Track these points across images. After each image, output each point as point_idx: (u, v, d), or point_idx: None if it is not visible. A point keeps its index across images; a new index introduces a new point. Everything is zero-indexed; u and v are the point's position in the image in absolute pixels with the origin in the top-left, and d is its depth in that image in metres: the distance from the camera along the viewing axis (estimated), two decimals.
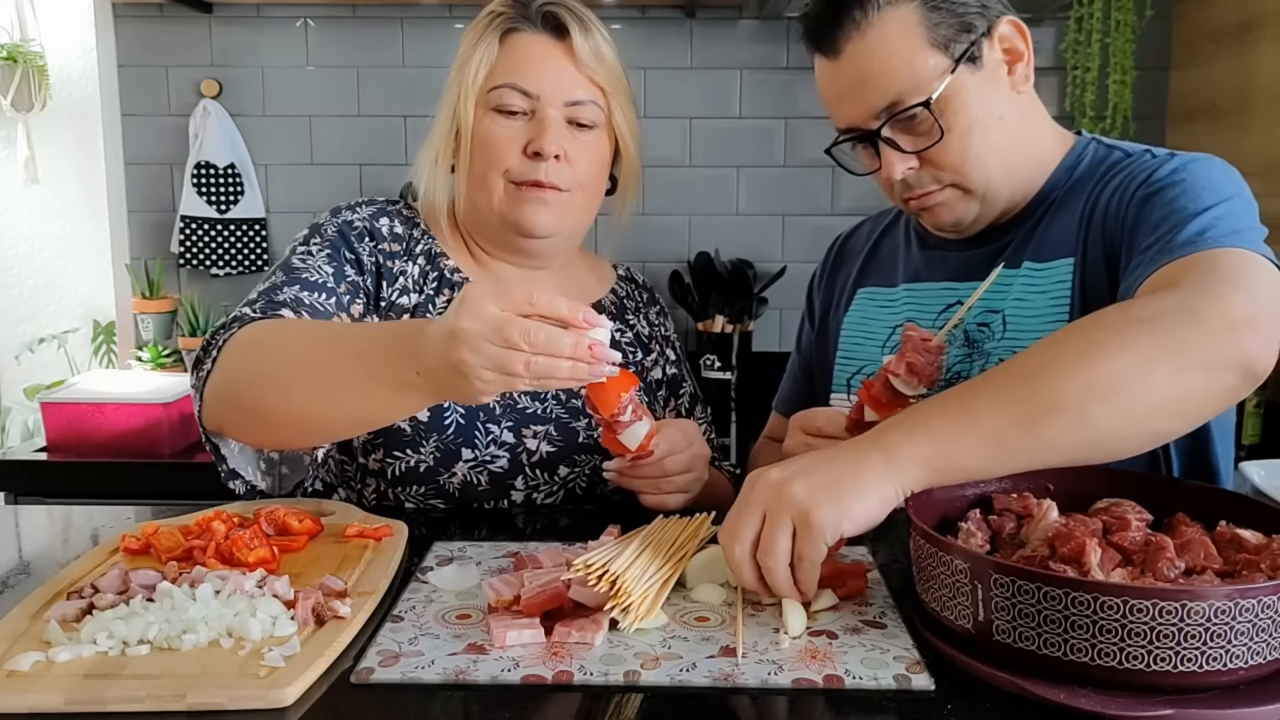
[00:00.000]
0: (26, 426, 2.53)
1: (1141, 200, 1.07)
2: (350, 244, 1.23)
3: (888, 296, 1.31)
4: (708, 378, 2.58)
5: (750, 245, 2.75)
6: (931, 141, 1.11)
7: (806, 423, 1.14)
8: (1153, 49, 2.62)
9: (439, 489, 1.20)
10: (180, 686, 0.71)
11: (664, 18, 2.69)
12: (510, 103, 1.22)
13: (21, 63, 2.50)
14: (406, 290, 1.24)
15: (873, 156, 1.16)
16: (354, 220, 1.26)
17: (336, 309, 1.17)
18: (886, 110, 1.10)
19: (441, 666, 0.77)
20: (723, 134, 2.74)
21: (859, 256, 1.38)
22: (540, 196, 1.23)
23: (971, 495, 0.94)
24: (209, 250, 2.73)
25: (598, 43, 1.25)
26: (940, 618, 0.79)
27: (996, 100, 1.13)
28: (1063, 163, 1.19)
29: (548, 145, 1.20)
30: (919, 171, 1.13)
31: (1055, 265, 1.14)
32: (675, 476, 1.12)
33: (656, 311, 1.46)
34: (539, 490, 1.24)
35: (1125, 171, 1.14)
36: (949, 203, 1.16)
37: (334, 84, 2.71)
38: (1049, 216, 1.18)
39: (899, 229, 1.36)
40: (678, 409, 1.42)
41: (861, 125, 1.14)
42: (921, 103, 1.09)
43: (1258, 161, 2.21)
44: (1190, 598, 0.66)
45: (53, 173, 2.64)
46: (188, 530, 0.99)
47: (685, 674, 0.76)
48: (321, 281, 1.17)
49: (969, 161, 1.12)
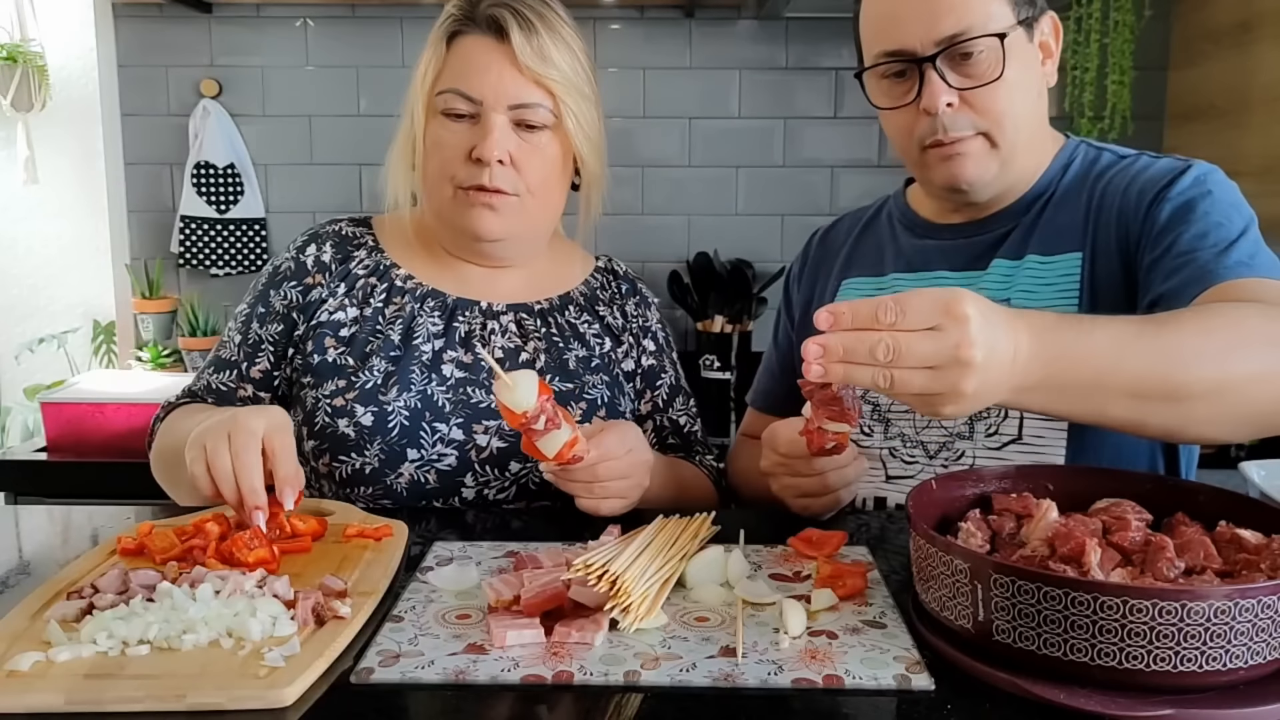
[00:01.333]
0: (26, 426, 2.53)
1: (1169, 205, 1.10)
2: (268, 295, 1.32)
3: (875, 286, 1.31)
4: (707, 378, 2.58)
5: (749, 245, 2.75)
6: (983, 81, 1.12)
7: (774, 445, 1.12)
8: (1151, 49, 2.62)
9: (386, 489, 1.21)
10: (180, 687, 0.71)
11: (663, 18, 2.69)
12: (455, 107, 1.22)
13: (21, 63, 2.50)
14: (342, 307, 1.29)
15: (906, 90, 1.15)
16: (281, 265, 1.33)
17: (239, 381, 1.31)
18: (949, 38, 1.10)
19: (441, 666, 0.77)
20: (722, 134, 2.74)
21: (840, 251, 1.38)
22: (486, 201, 1.23)
23: (971, 495, 0.94)
24: (209, 250, 2.72)
25: (543, 44, 1.21)
26: (940, 618, 0.79)
27: (1036, 77, 1.18)
28: (1056, 160, 1.23)
29: (487, 151, 1.20)
30: (956, 111, 1.13)
31: (1062, 259, 1.17)
32: (610, 483, 1.10)
33: (636, 302, 1.43)
34: (490, 486, 1.24)
35: (1128, 171, 1.18)
36: (975, 154, 1.16)
37: (334, 84, 2.71)
38: (1049, 211, 1.20)
39: (881, 222, 1.37)
40: (654, 400, 1.40)
41: (912, 50, 1.12)
42: (998, 34, 1.10)
43: (1257, 161, 2.21)
44: (1190, 598, 0.66)
45: (52, 172, 2.63)
46: (182, 531, 0.99)
47: (685, 674, 0.76)
48: (229, 358, 1.32)
49: (1009, 113, 1.14)
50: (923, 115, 1.14)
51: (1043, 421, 1.16)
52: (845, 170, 2.74)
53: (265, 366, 1.30)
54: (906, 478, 1.23)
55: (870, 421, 1.26)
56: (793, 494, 1.13)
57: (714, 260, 2.71)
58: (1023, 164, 1.20)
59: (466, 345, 1.28)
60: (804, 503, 1.13)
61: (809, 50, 2.70)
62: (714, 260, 2.71)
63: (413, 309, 1.28)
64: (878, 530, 1.13)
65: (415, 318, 1.28)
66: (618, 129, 2.67)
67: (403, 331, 1.27)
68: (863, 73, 1.20)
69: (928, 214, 1.31)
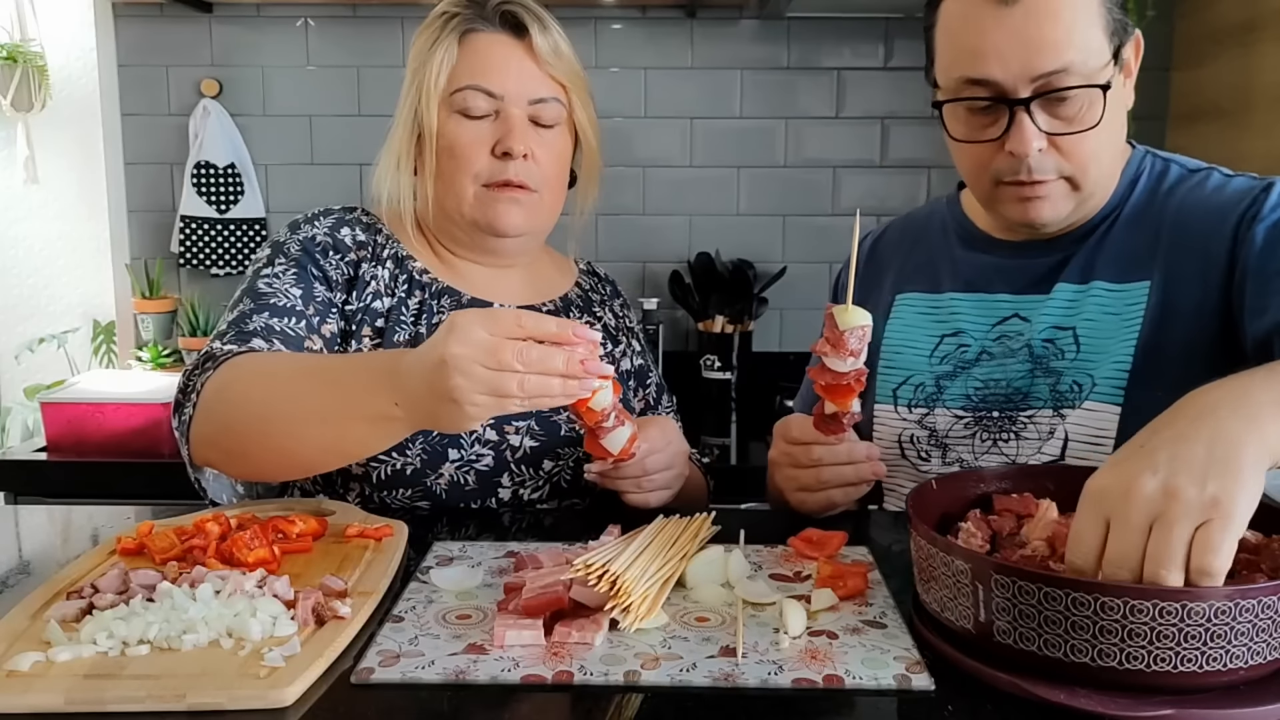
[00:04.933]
0: (26, 426, 2.53)
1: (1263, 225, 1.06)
2: (315, 260, 1.23)
3: (932, 303, 1.27)
4: (708, 378, 2.58)
5: (751, 245, 2.74)
6: (1076, 128, 1.07)
7: (785, 431, 1.13)
8: (1154, 49, 2.59)
9: (425, 491, 1.20)
10: (180, 687, 0.71)
11: (664, 18, 2.69)
12: (474, 105, 1.22)
13: (21, 63, 2.50)
14: (379, 294, 1.25)
15: (990, 124, 1.09)
16: (316, 235, 1.25)
17: (308, 332, 1.17)
18: (1047, 78, 1.04)
19: (441, 666, 0.77)
20: (723, 134, 2.73)
21: (894, 261, 1.33)
22: (512, 196, 1.24)
23: (972, 495, 0.94)
24: (209, 250, 2.72)
25: (556, 40, 1.25)
26: (941, 618, 0.79)
27: (1122, 111, 1.12)
28: (1124, 175, 1.18)
29: (516, 145, 1.21)
30: (1044, 155, 1.08)
31: (1131, 288, 1.13)
32: (656, 475, 1.12)
33: (620, 303, 1.47)
34: (525, 486, 1.24)
35: (1200, 190, 1.14)
36: (1055, 197, 1.11)
37: (334, 84, 2.71)
38: (1116, 232, 1.16)
39: (934, 231, 1.32)
40: (645, 399, 1.42)
41: (1003, 85, 1.06)
42: (1101, 85, 1.05)
43: (1259, 162, 2.21)
44: (1190, 598, 0.66)
45: (52, 172, 2.63)
46: (182, 531, 0.99)
47: (685, 674, 0.76)
48: (290, 305, 1.18)
49: (1096, 158, 1.10)
50: (1004, 154, 1.09)
51: (1087, 443, 1.12)
52: (847, 170, 2.74)
53: (334, 329, 1.21)
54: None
55: (927, 446, 1.22)
56: (791, 486, 1.13)
57: (715, 260, 2.71)
58: (1100, 197, 1.16)
59: None
60: (800, 497, 1.13)
61: (811, 50, 2.69)
62: (715, 260, 2.71)
63: (431, 305, 1.27)
64: (878, 532, 1.13)
65: (435, 314, 1.26)
66: (619, 129, 2.67)
67: (428, 329, 1.24)
68: (944, 104, 1.12)
69: (986, 226, 1.25)
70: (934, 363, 1.23)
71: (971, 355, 1.21)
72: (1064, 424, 1.13)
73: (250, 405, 1.03)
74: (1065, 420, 1.13)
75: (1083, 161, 1.09)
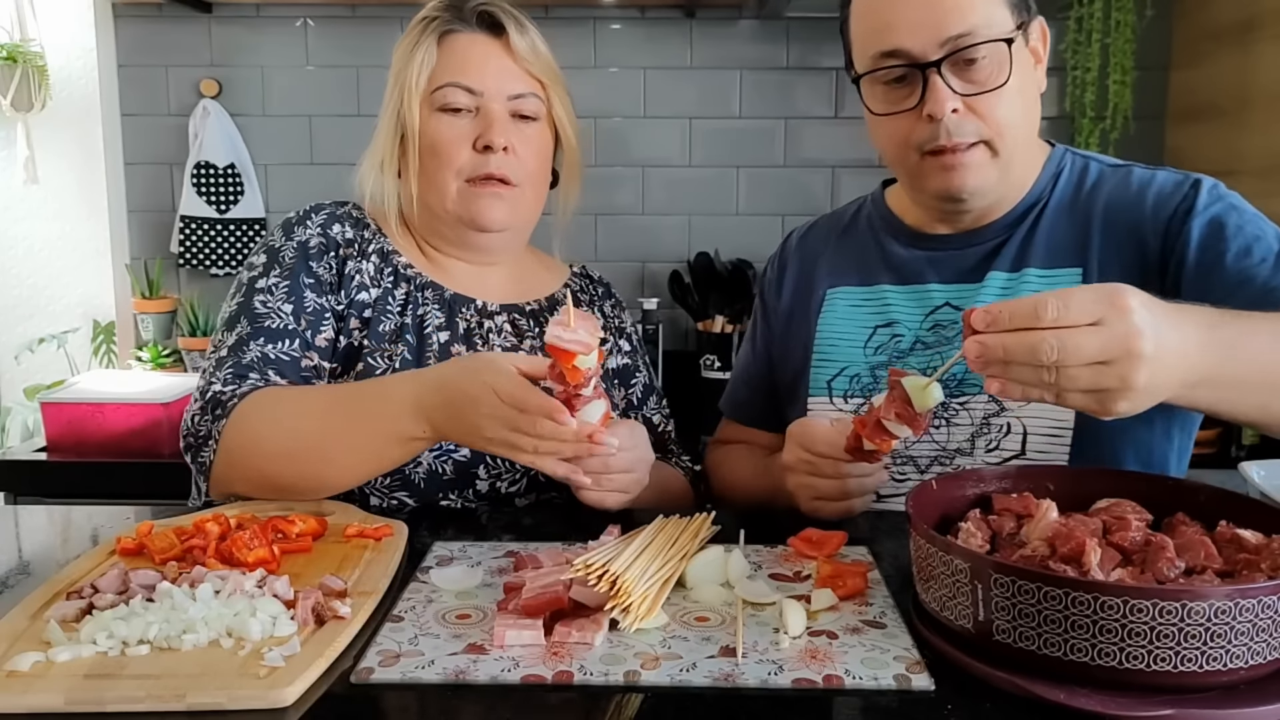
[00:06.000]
0: (26, 426, 2.53)
1: (1198, 222, 1.11)
2: (309, 265, 1.26)
3: (864, 296, 1.29)
4: (707, 378, 2.58)
5: (750, 245, 2.74)
6: (988, 87, 1.10)
7: (807, 442, 1.11)
8: (1153, 49, 2.61)
9: (404, 480, 1.20)
10: (180, 687, 0.71)
11: (664, 18, 2.69)
12: (455, 101, 1.25)
13: (21, 63, 2.50)
14: (364, 286, 1.27)
15: (907, 95, 1.13)
16: (309, 239, 1.28)
17: (303, 350, 1.22)
18: (954, 40, 1.08)
19: (441, 666, 0.77)
20: (722, 134, 2.73)
21: (821, 256, 1.35)
22: (494, 191, 1.27)
23: (971, 495, 0.94)
24: (209, 250, 2.72)
25: (533, 39, 1.29)
26: (940, 618, 0.79)
27: (1033, 84, 1.17)
28: (1045, 169, 1.23)
29: (496, 138, 1.24)
30: (960, 117, 1.11)
31: (1062, 274, 1.17)
32: (616, 475, 1.11)
33: (611, 304, 1.49)
34: (502, 480, 1.25)
35: (1126, 184, 1.18)
36: (976, 164, 1.14)
37: (334, 84, 2.71)
38: (1044, 223, 1.20)
39: (861, 227, 1.34)
40: (628, 398, 1.43)
41: (914, 52, 1.10)
42: (1005, 38, 1.09)
43: (1258, 161, 2.21)
44: (1190, 598, 0.66)
45: (52, 173, 2.63)
46: (182, 531, 0.99)
47: (685, 674, 0.76)
48: (283, 326, 1.22)
49: (1011, 120, 1.13)
50: (923, 121, 1.12)
51: (1046, 437, 1.14)
52: (846, 170, 2.74)
53: (330, 335, 1.24)
54: (897, 496, 1.22)
55: None
56: (808, 494, 1.12)
57: (714, 260, 2.71)
58: (1018, 173, 1.19)
59: (468, 343, 1.29)
60: (817, 504, 1.12)
61: (810, 50, 2.69)
62: (714, 260, 2.71)
63: (416, 297, 1.29)
64: (878, 531, 1.13)
65: (420, 306, 1.29)
66: (618, 129, 2.67)
67: (414, 319, 1.28)
68: (861, 77, 1.16)
69: (914, 222, 1.28)
70: (868, 354, 1.25)
71: (906, 345, 1.23)
72: (1021, 420, 1.16)
73: (278, 442, 1.11)
74: (1015, 414, 1.16)
75: (998, 124, 1.12)
